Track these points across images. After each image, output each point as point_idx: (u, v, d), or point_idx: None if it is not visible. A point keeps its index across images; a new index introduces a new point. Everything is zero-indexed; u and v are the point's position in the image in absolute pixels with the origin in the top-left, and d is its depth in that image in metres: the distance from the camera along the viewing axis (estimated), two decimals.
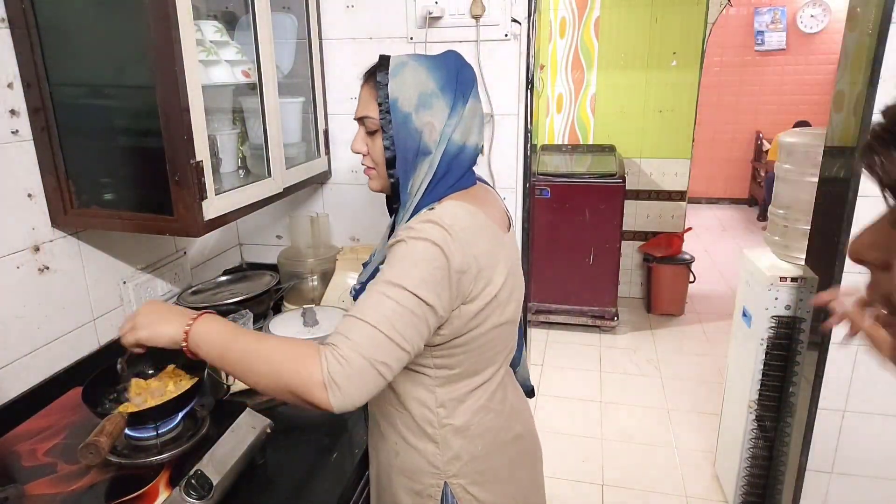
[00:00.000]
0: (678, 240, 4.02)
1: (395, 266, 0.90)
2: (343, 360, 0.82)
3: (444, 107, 0.98)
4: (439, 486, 1.05)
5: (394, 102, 0.97)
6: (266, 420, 1.16)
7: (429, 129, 0.98)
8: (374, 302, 0.87)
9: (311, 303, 1.71)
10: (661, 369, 3.41)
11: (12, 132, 1.18)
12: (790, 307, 1.97)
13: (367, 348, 0.84)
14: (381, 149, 1.01)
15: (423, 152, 0.99)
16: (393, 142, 0.99)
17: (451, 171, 1.01)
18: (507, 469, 1.12)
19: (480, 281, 0.95)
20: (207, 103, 1.21)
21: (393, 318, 0.86)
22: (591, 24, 4.03)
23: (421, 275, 0.88)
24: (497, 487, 1.10)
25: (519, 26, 1.65)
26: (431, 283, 0.89)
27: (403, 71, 0.98)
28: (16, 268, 1.21)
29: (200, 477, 0.98)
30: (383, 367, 0.85)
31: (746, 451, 2.17)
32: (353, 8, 1.73)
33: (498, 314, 1.00)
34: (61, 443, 1.08)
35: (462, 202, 0.98)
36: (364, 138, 1.04)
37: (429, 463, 1.05)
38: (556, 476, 2.55)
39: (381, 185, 1.07)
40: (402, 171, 1.00)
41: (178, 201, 1.20)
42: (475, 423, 1.05)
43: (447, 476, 1.05)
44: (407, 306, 0.87)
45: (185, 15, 1.12)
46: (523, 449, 1.15)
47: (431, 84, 0.98)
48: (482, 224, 0.98)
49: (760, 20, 6.34)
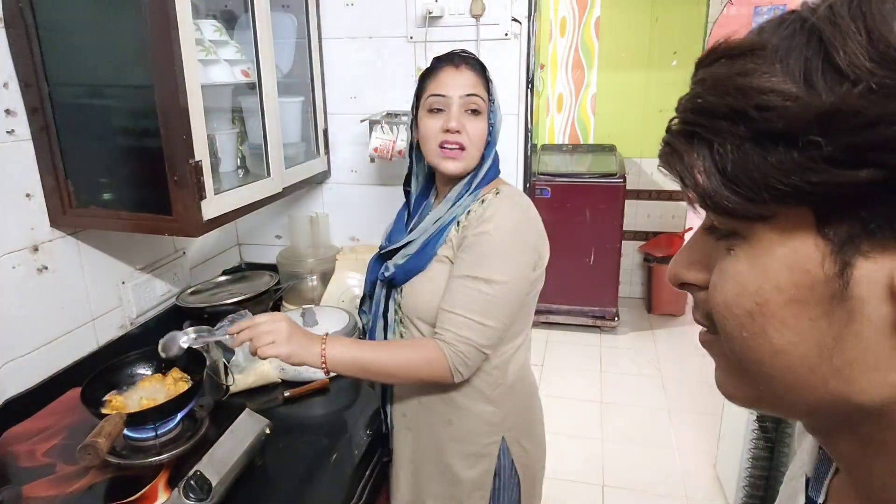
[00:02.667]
0: (678, 240, 4.01)
1: (480, 258, 1.06)
2: (459, 352, 1.05)
3: None
4: (497, 442, 1.18)
5: (495, 96, 1.13)
6: (265, 421, 1.16)
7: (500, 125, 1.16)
8: (465, 296, 1.05)
9: (310, 303, 1.71)
10: (661, 369, 3.41)
11: (8, 132, 1.18)
12: None
13: (473, 338, 1.05)
14: (484, 130, 1.12)
15: (496, 141, 1.15)
16: (493, 128, 1.12)
17: (497, 157, 1.18)
18: (539, 422, 1.30)
19: (542, 249, 1.13)
20: (206, 103, 1.21)
21: (486, 307, 1.04)
22: (591, 24, 4.02)
23: (503, 262, 1.05)
24: (535, 439, 1.27)
25: (519, 26, 1.64)
26: (513, 265, 1.06)
27: None
28: (14, 268, 1.20)
29: (199, 478, 0.97)
30: (486, 348, 1.07)
31: (747, 452, 2.17)
32: (352, 7, 1.72)
33: (541, 281, 1.18)
34: (60, 443, 1.08)
35: (512, 187, 1.17)
36: (460, 117, 1.09)
37: (486, 423, 1.17)
38: (557, 477, 2.54)
39: (468, 165, 1.13)
40: (489, 154, 1.14)
41: (177, 201, 1.20)
42: (520, 380, 1.21)
43: (504, 430, 1.19)
44: (495, 294, 1.05)
45: (185, 14, 1.12)
46: (540, 405, 1.32)
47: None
48: (530, 202, 1.16)
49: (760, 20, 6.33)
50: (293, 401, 1.39)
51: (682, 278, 0.40)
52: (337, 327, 1.49)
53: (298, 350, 1.03)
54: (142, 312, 1.54)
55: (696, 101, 0.34)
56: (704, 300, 0.38)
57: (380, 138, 1.66)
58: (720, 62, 0.33)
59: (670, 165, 0.37)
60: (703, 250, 0.39)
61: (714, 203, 0.33)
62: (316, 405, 1.40)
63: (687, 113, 0.35)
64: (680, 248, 0.41)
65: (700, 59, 0.36)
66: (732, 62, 0.32)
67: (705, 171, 0.33)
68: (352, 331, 1.52)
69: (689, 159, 0.34)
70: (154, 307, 1.59)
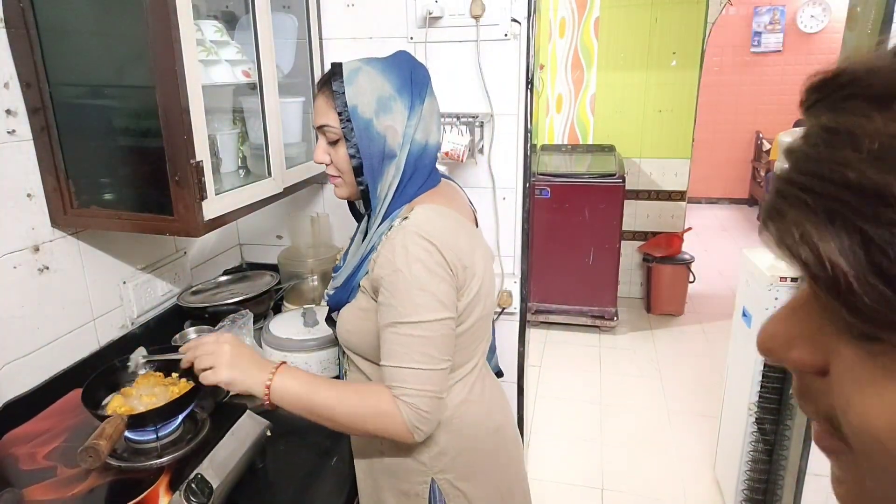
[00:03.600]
0: (678, 240, 4.01)
1: (403, 301, 0.94)
2: (414, 408, 0.93)
3: (403, 108, 0.99)
4: (426, 482, 1.07)
5: (353, 109, 0.97)
6: (266, 423, 1.16)
7: (391, 133, 0.99)
8: (404, 347, 0.94)
9: (311, 303, 1.70)
10: (660, 370, 3.41)
11: (9, 132, 1.18)
12: None
13: (426, 388, 0.94)
14: (346, 157, 1.01)
15: (388, 156, 1.00)
16: (357, 149, 0.99)
17: (417, 171, 1.03)
18: (492, 460, 1.13)
19: (468, 275, 0.99)
20: (207, 103, 1.21)
21: (426, 350, 0.94)
22: (590, 24, 4.02)
23: (428, 299, 0.94)
24: (483, 479, 1.12)
25: (519, 26, 1.64)
26: (440, 297, 0.94)
27: (358, 77, 0.98)
28: (15, 268, 1.20)
29: (200, 480, 0.97)
30: (441, 392, 0.96)
31: (746, 453, 2.17)
32: (353, 7, 1.72)
33: (480, 307, 1.04)
34: (61, 446, 1.08)
35: (431, 204, 1.01)
36: (325, 148, 1.04)
37: (416, 461, 1.07)
38: (555, 479, 2.54)
39: (349, 192, 1.07)
40: (370, 177, 1.01)
41: (178, 201, 1.19)
42: (458, 417, 1.07)
43: (434, 472, 1.07)
44: (430, 335, 0.94)
45: (185, 15, 1.11)
46: (505, 439, 1.17)
47: (388, 87, 0.99)
48: (456, 222, 1.02)
49: (759, 20, 6.34)
50: None
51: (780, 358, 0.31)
52: None
53: (241, 377, 0.95)
54: (143, 312, 1.54)
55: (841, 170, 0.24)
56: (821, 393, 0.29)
57: None
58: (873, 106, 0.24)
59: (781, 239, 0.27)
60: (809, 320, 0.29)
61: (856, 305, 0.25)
62: None
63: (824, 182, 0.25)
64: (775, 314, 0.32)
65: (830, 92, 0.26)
66: None
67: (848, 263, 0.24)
68: None
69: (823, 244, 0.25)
70: (155, 307, 1.59)
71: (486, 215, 1.78)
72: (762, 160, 6.36)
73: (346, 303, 1.07)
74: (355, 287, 1.05)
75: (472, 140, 1.63)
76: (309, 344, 1.44)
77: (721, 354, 3.38)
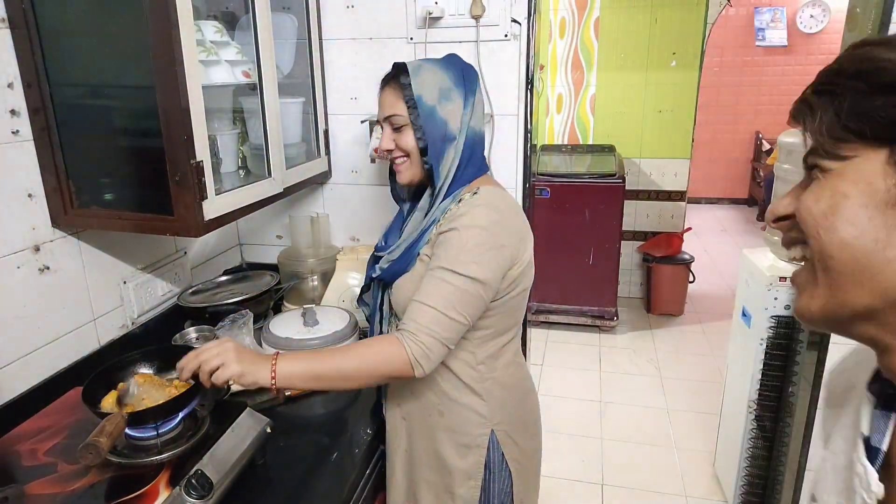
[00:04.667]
0: (678, 240, 4.02)
1: (450, 252, 1.07)
2: (420, 342, 1.04)
3: (460, 99, 1.14)
4: (486, 434, 1.21)
5: (419, 98, 1.12)
6: (266, 420, 1.16)
7: (452, 118, 1.14)
8: (434, 288, 1.07)
9: (311, 303, 1.71)
10: (660, 369, 3.41)
11: (13, 132, 1.19)
12: (790, 307, 1.97)
13: (436, 329, 1.05)
14: (413, 140, 1.15)
15: (449, 139, 1.14)
16: (423, 132, 1.13)
17: (473, 155, 1.17)
18: (532, 417, 1.31)
19: (521, 249, 1.14)
20: (207, 103, 1.21)
21: (452, 299, 1.06)
22: (590, 25, 4.03)
23: (473, 258, 1.06)
24: (527, 436, 1.28)
25: (519, 26, 1.65)
26: (483, 263, 1.07)
27: (421, 72, 1.13)
28: (16, 268, 1.21)
29: (201, 476, 0.98)
30: (449, 342, 1.07)
31: (746, 451, 2.18)
32: (353, 8, 1.73)
33: (527, 279, 1.19)
34: (61, 442, 1.08)
35: (495, 187, 1.18)
36: (391, 136, 1.17)
37: (476, 414, 1.20)
38: (556, 476, 2.55)
39: (414, 173, 1.19)
40: (433, 157, 1.14)
41: (179, 201, 1.20)
42: (508, 376, 1.23)
43: (493, 424, 1.21)
44: (463, 287, 1.06)
45: (186, 15, 1.12)
46: (536, 403, 1.34)
47: (447, 80, 1.14)
48: (513, 203, 1.19)
49: (760, 19, 6.34)
50: (294, 400, 1.40)
51: (777, 212, 0.53)
52: (337, 327, 1.50)
53: (250, 368, 1.02)
54: (143, 312, 1.55)
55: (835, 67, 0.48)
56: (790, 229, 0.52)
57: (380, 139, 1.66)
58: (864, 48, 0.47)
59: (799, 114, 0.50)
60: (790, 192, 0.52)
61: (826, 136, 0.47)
62: (317, 404, 1.41)
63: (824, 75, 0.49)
64: None
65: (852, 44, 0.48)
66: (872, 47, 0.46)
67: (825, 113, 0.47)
68: (352, 330, 1.52)
69: (816, 107, 0.48)
70: (155, 307, 1.59)
71: None
72: (762, 160, 6.36)
73: (404, 272, 1.18)
74: (415, 256, 1.17)
75: None
76: (309, 343, 1.45)
77: (720, 354, 3.39)
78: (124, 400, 1.07)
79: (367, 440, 1.26)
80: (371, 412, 1.35)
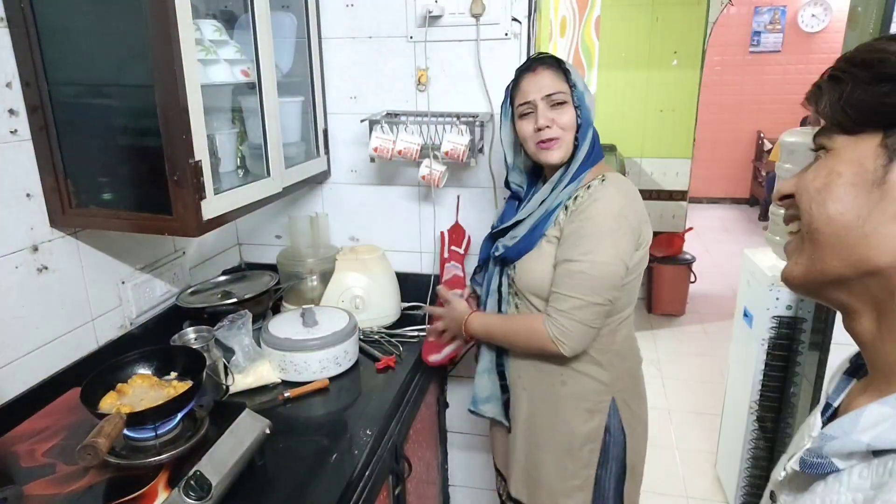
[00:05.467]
0: (679, 240, 4.01)
1: (582, 241, 1.20)
2: (560, 325, 1.22)
3: (589, 92, 1.28)
4: (607, 400, 1.33)
5: (577, 81, 1.25)
6: (265, 421, 1.16)
7: (592, 106, 1.29)
8: (575, 279, 1.20)
9: (310, 303, 1.70)
10: (661, 369, 3.41)
11: (11, 132, 1.18)
12: (791, 307, 1.96)
13: (579, 315, 1.21)
14: (573, 117, 1.25)
15: (590, 123, 1.28)
16: (579, 112, 1.25)
17: (596, 141, 1.30)
18: (643, 388, 1.44)
19: (644, 231, 1.25)
20: (206, 103, 1.21)
21: (590, 285, 1.19)
22: (591, 24, 4.02)
23: (609, 245, 1.19)
24: (640, 401, 1.42)
25: (519, 25, 1.64)
26: (620, 247, 1.20)
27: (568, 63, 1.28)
28: (14, 268, 1.20)
29: (199, 478, 0.97)
30: (594, 324, 1.23)
31: (747, 451, 2.17)
32: (352, 7, 1.72)
33: (645, 259, 1.29)
34: (60, 443, 1.08)
35: (617, 174, 1.29)
36: (548, 113, 1.25)
37: (598, 382, 1.32)
38: None
39: (566, 152, 1.27)
40: (583, 136, 1.26)
41: (177, 201, 1.20)
42: (627, 348, 1.36)
43: (614, 391, 1.33)
44: (601, 273, 1.19)
45: (184, 14, 1.12)
46: (643, 374, 1.45)
47: (581, 75, 1.28)
48: (634, 188, 1.29)
49: (759, 20, 6.34)
50: (293, 401, 1.40)
51: (782, 190, 0.57)
52: (336, 327, 1.49)
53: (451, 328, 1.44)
54: (141, 312, 1.54)
55: (848, 55, 0.52)
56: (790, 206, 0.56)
57: (380, 138, 1.66)
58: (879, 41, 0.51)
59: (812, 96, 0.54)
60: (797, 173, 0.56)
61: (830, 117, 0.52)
62: (316, 405, 1.40)
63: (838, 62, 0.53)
64: None
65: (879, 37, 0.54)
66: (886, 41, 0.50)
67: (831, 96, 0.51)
68: (351, 331, 1.52)
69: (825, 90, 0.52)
70: (154, 307, 1.59)
71: (487, 215, 1.78)
72: (763, 160, 6.35)
73: (528, 251, 1.30)
74: (540, 236, 1.28)
75: (472, 140, 1.63)
76: (308, 344, 1.44)
77: (722, 354, 3.38)
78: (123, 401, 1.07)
79: (368, 441, 1.26)
80: (371, 414, 1.35)
